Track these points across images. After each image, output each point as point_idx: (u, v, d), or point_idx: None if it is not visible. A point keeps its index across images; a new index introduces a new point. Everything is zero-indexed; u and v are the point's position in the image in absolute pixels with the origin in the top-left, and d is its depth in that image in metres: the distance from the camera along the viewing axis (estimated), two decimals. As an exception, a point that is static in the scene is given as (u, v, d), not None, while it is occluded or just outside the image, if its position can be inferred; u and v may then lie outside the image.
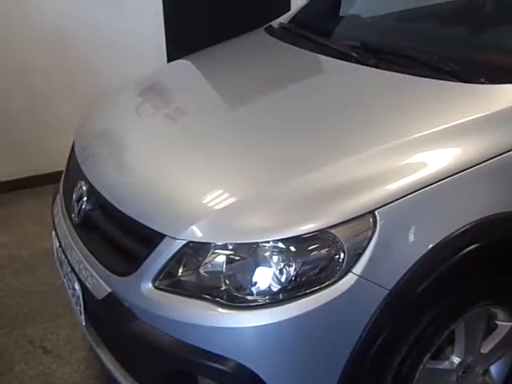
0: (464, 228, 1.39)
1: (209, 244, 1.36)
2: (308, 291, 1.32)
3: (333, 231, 1.31)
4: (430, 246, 1.36)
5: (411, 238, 1.36)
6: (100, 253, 1.60)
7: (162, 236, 1.40)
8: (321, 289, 1.32)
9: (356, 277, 1.31)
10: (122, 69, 3.51)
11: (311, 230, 1.31)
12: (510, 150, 1.46)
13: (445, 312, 1.46)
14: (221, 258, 1.36)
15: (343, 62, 1.88)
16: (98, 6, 3.45)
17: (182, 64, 2.47)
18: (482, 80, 1.58)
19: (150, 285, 1.41)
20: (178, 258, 1.38)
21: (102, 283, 1.54)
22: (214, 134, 1.71)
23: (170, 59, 3.64)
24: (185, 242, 1.37)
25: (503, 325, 1.64)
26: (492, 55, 1.75)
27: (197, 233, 1.37)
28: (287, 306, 1.32)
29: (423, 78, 1.66)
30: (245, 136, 1.67)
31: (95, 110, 2.16)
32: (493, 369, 1.72)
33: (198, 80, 2.23)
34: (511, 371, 1.75)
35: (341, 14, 2.51)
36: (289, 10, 3.04)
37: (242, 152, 1.59)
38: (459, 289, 1.47)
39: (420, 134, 1.46)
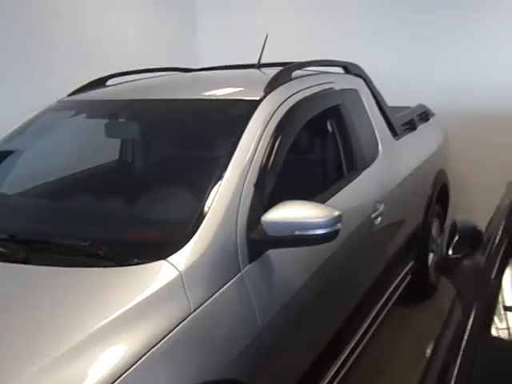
0: None
1: None
2: None
3: None
4: None
5: None
6: None
7: None
8: None
9: None
10: None
11: None
12: (180, 323, 1.48)
13: None
14: None
15: None
16: None
17: None
18: (136, 260, 1.58)
19: None
20: None
21: None
22: None
23: None
24: None
25: None
26: (137, 233, 1.77)
27: None
28: None
29: (81, 268, 1.59)
30: None
31: None
32: None
33: None
34: None
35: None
36: None
37: None
38: None
39: (86, 335, 1.38)
